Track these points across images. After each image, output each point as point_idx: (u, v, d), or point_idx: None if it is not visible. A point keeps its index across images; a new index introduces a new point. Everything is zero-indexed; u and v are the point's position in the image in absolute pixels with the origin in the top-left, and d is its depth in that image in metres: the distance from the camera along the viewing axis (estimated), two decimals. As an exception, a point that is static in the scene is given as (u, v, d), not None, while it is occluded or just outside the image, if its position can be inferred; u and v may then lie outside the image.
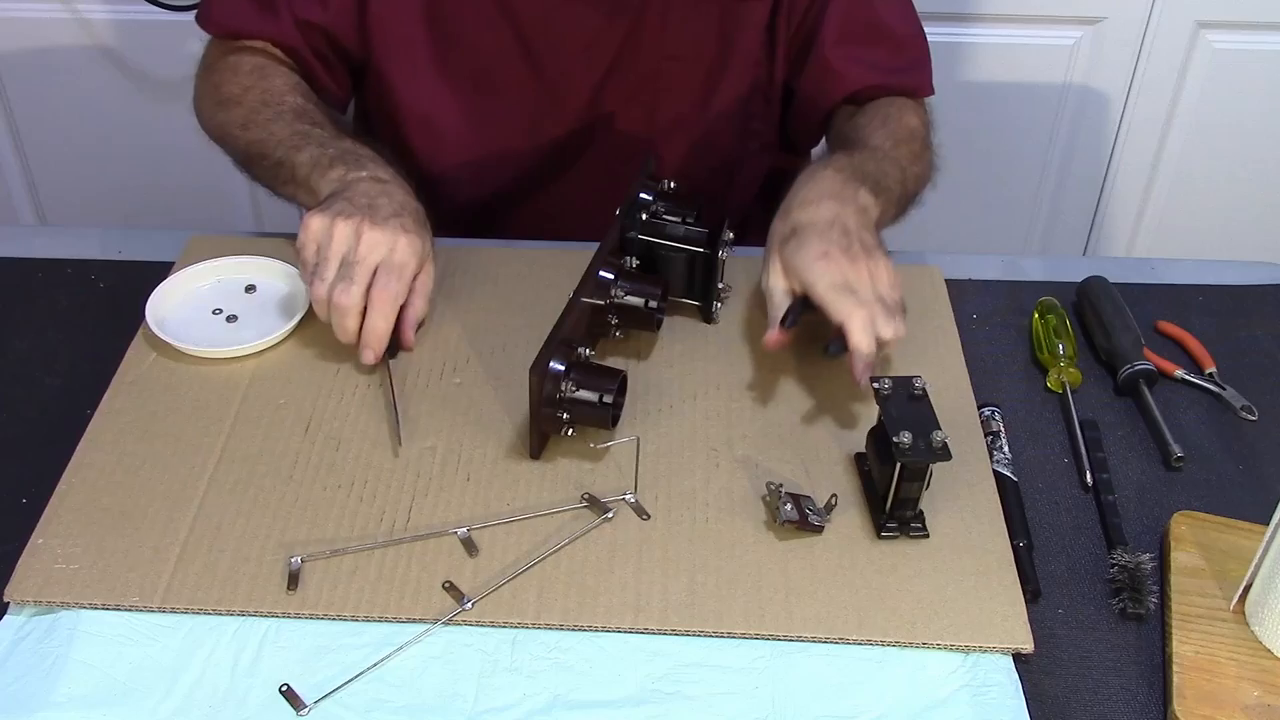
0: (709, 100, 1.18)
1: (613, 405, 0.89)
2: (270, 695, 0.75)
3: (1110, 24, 1.77)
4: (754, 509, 0.88)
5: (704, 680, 0.77)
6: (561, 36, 1.13)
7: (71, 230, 1.16)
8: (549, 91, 1.16)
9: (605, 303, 0.96)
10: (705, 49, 1.15)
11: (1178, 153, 1.90)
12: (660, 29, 1.13)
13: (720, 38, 1.15)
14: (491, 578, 0.82)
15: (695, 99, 1.18)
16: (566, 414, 0.88)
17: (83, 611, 0.80)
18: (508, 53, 1.14)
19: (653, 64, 1.15)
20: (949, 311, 1.07)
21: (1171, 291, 1.12)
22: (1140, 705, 0.78)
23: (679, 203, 1.04)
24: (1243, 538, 0.86)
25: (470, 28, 1.13)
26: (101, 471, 0.89)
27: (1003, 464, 0.92)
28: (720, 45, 1.15)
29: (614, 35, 1.13)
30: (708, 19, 1.14)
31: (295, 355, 1.00)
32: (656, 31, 1.13)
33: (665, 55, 1.14)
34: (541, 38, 1.13)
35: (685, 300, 1.04)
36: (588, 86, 1.16)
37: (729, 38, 1.15)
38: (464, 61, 1.15)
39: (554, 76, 1.15)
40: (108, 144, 1.91)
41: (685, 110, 1.19)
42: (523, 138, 1.19)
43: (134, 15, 1.77)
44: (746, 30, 1.15)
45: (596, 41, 1.13)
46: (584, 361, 0.90)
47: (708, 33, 1.15)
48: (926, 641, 0.79)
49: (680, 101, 1.18)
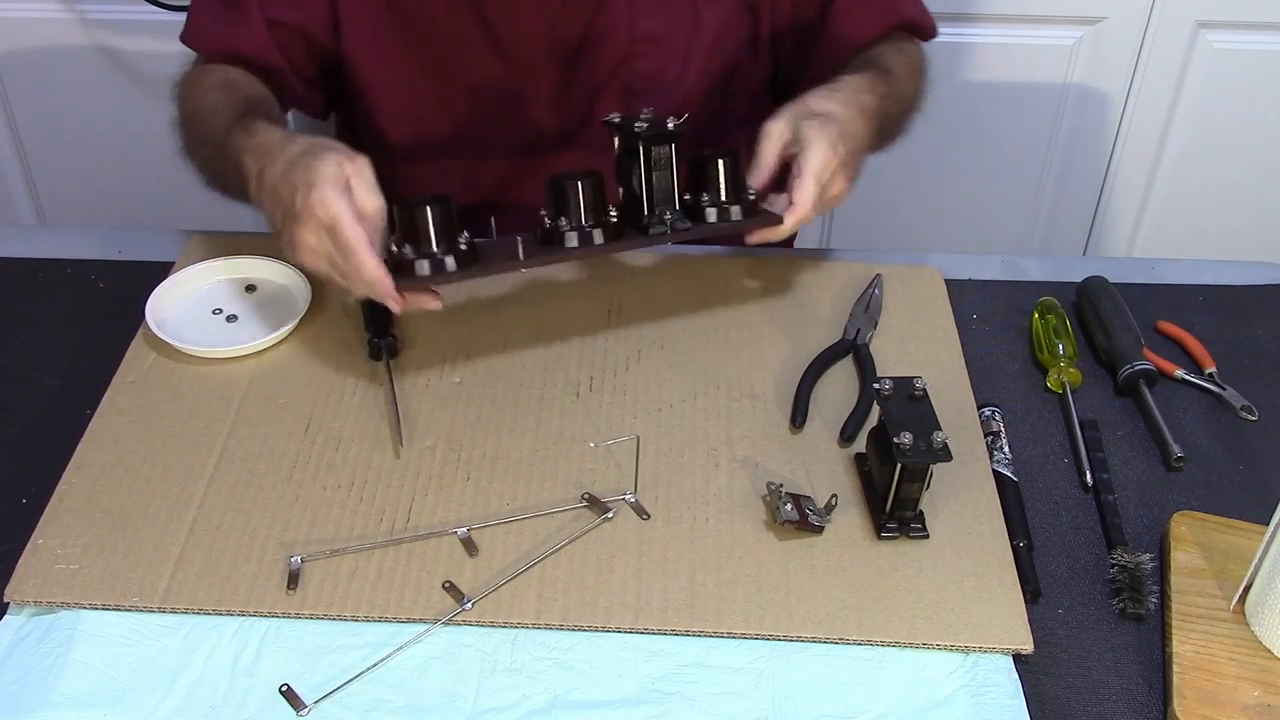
0: (683, 80, 1.17)
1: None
2: (270, 695, 0.76)
3: (1110, 24, 1.77)
4: (754, 509, 0.88)
5: (704, 680, 0.77)
6: (523, 23, 1.11)
7: (71, 230, 1.16)
8: (517, 79, 1.14)
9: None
10: (678, 30, 1.14)
11: (1178, 153, 1.90)
12: (626, 12, 1.12)
13: (692, 17, 1.14)
14: (491, 578, 0.82)
15: (670, 80, 1.17)
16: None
17: (83, 612, 0.80)
18: (473, 41, 1.12)
19: (622, 48, 1.13)
20: (949, 311, 1.07)
21: (1171, 291, 1.12)
22: (1140, 705, 0.78)
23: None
24: (1243, 538, 0.86)
25: (432, 14, 1.11)
26: (101, 471, 0.89)
27: (1003, 464, 0.92)
28: (692, 24, 1.14)
29: (577, 20, 1.12)
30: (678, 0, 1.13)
31: (295, 355, 1.00)
32: (623, 15, 1.12)
33: (634, 38, 1.13)
34: (503, 24, 1.11)
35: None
36: (555, 72, 1.14)
37: (699, 16, 1.14)
38: (432, 52, 1.13)
39: (521, 63, 1.13)
40: (108, 144, 1.90)
41: (661, 92, 1.17)
42: (500, 129, 1.18)
43: (134, 15, 1.77)
44: (717, 7, 1.14)
45: (559, 26, 1.12)
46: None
47: (678, 13, 1.13)
48: (926, 641, 0.79)
49: (654, 84, 1.16)
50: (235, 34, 1.10)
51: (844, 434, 0.93)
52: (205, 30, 1.12)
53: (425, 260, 0.89)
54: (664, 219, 0.95)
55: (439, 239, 0.89)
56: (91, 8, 1.78)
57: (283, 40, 1.11)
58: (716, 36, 1.16)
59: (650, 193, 0.95)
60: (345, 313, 1.04)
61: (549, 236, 0.94)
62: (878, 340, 1.03)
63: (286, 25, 1.11)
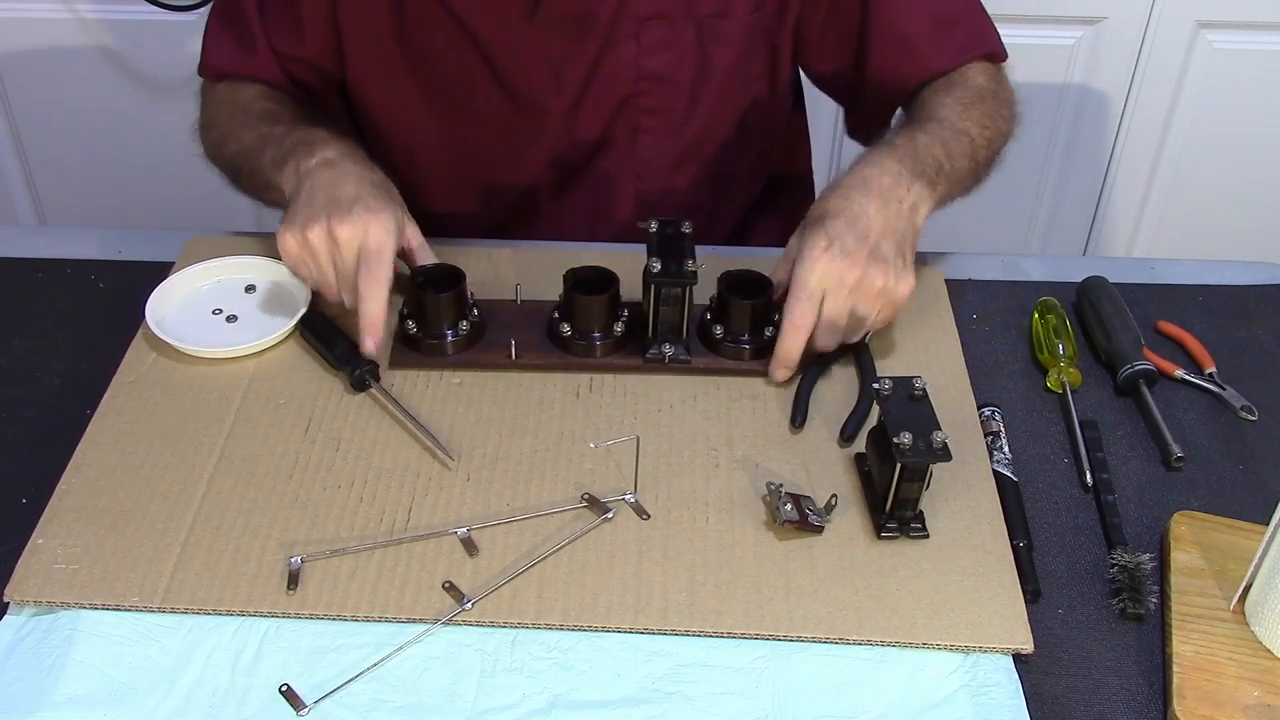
0: (693, 119, 1.16)
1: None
2: (270, 695, 0.76)
3: (1110, 24, 1.77)
4: (754, 509, 0.88)
5: (704, 680, 0.77)
6: (528, 61, 1.11)
7: (71, 230, 1.16)
8: (524, 115, 1.14)
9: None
10: (683, 68, 1.13)
11: (1178, 153, 1.90)
12: (633, 51, 1.11)
13: (699, 56, 1.12)
14: (491, 578, 0.82)
15: (678, 119, 1.16)
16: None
17: (83, 611, 0.80)
18: (477, 76, 1.12)
19: (629, 86, 1.13)
20: (949, 312, 1.07)
21: (1171, 291, 1.12)
22: (1140, 705, 0.78)
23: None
24: (1243, 538, 0.86)
25: (438, 50, 1.11)
26: (101, 471, 0.89)
27: (1003, 464, 0.92)
28: (699, 63, 1.13)
29: (583, 59, 1.11)
30: (683, 38, 1.11)
31: (295, 355, 1.00)
32: (629, 53, 1.11)
33: (639, 75, 1.12)
34: (508, 61, 1.11)
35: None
36: (562, 109, 1.13)
37: (708, 55, 1.13)
38: (439, 87, 1.13)
39: (527, 99, 1.13)
40: (108, 144, 1.91)
41: (669, 130, 1.16)
42: (506, 163, 1.18)
43: (134, 15, 1.77)
44: (727, 47, 1.12)
45: (565, 65, 1.11)
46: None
47: (685, 52, 1.12)
48: (926, 641, 0.79)
49: (662, 122, 1.16)
50: (248, 63, 1.12)
51: (844, 434, 0.93)
52: (220, 62, 1.14)
53: (430, 340, 0.99)
54: (662, 351, 0.98)
55: (445, 322, 0.98)
56: (91, 8, 1.78)
57: (292, 70, 1.13)
58: (727, 74, 1.14)
59: (656, 326, 0.98)
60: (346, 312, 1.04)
61: (553, 333, 0.99)
62: (878, 340, 1.03)
63: (291, 57, 1.13)
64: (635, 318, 1.00)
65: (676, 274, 0.95)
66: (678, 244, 0.97)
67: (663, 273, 0.94)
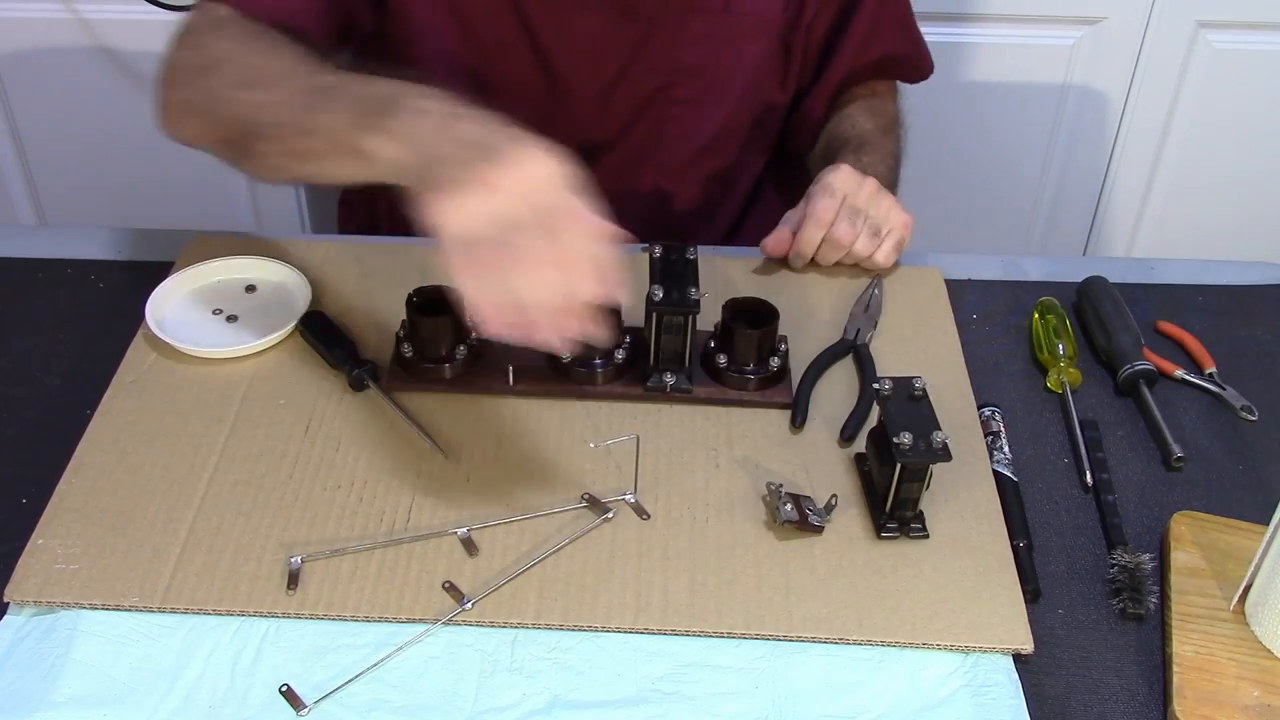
0: (716, 113, 1.18)
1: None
2: (270, 695, 0.76)
3: (1110, 24, 1.77)
4: (754, 509, 0.88)
5: (704, 680, 0.77)
6: (570, 38, 1.12)
7: (71, 230, 1.16)
8: (555, 94, 1.15)
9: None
10: (717, 64, 1.15)
11: (1178, 153, 1.90)
12: (672, 41, 1.13)
13: (732, 53, 1.15)
14: (491, 578, 0.82)
15: (703, 112, 1.17)
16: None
17: (83, 611, 0.80)
18: (517, 43, 1.12)
19: (662, 75, 1.14)
20: (949, 312, 1.07)
21: (1171, 291, 1.12)
22: (1140, 705, 0.78)
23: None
24: (1243, 538, 0.86)
25: (481, 11, 1.11)
26: (101, 471, 0.89)
27: (1003, 464, 0.92)
28: (731, 60, 1.15)
29: (623, 44, 1.12)
30: (721, 34, 1.13)
31: (295, 355, 1.00)
32: (668, 43, 1.13)
33: (675, 67, 1.14)
34: (549, 35, 1.12)
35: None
36: (595, 92, 1.15)
37: (740, 53, 1.15)
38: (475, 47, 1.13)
39: (560, 78, 1.14)
40: (108, 144, 1.90)
41: (692, 122, 1.18)
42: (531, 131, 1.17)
43: (134, 15, 1.76)
44: (757, 45, 1.15)
45: (605, 48, 1.13)
46: None
47: (720, 47, 1.14)
48: (926, 641, 0.79)
49: (687, 113, 1.17)
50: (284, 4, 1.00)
51: (844, 434, 0.93)
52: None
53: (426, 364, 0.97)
54: (664, 380, 0.96)
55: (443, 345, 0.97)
56: (91, 8, 1.78)
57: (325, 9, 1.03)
58: (754, 69, 1.17)
59: (658, 353, 0.96)
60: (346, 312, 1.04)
61: (553, 359, 0.97)
62: (878, 340, 1.03)
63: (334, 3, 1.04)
64: (637, 344, 0.98)
65: (679, 302, 0.93)
66: (680, 270, 0.95)
67: (665, 300, 0.93)
